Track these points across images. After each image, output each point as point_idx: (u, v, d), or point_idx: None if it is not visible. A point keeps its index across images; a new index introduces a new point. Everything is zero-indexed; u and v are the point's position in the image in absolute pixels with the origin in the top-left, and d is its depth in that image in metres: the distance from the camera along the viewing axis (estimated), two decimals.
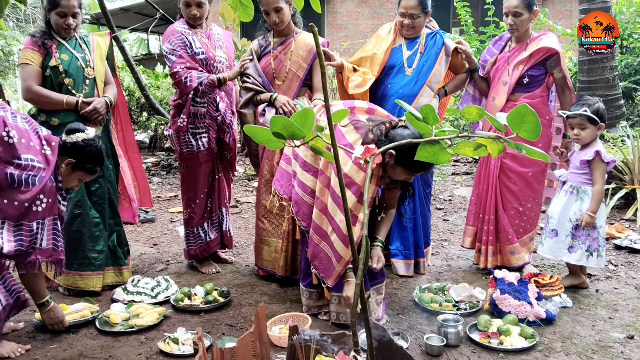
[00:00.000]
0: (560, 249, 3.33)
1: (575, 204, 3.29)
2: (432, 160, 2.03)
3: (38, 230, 2.45)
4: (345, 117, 2.86)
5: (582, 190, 3.28)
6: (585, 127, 3.24)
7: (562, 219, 3.32)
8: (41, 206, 2.44)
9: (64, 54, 3.26)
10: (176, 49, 3.45)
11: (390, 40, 3.66)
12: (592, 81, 6.74)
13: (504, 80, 3.55)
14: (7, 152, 2.35)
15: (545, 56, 3.47)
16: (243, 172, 7.69)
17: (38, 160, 2.44)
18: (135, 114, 9.37)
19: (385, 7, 12.34)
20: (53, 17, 3.23)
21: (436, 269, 3.86)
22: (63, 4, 3.19)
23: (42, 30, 3.28)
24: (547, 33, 3.56)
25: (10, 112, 2.47)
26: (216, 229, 3.84)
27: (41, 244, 2.48)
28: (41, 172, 2.43)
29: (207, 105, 3.53)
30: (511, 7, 3.45)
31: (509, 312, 2.92)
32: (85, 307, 3.02)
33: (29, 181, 2.38)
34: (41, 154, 2.48)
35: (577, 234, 3.28)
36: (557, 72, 3.51)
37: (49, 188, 2.47)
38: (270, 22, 3.46)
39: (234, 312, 3.12)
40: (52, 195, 2.48)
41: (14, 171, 2.35)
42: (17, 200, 2.36)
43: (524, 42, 3.54)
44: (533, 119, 1.75)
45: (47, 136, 2.56)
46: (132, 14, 14.50)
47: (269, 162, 3.55)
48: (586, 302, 3.24)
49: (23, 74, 3.22)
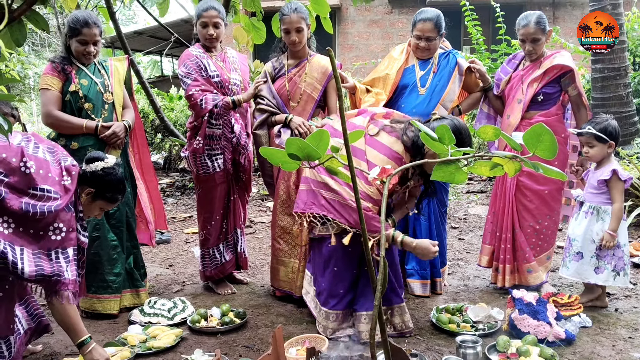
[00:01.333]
0: (587, 270, 3.31)
1: (597, 224, 3.27)
2: (449, 180, 2.03)
3: (59, 258, 2.38)
4: (372, 125, 2.92)
5: (602, 210, 3.27)
6: (593, 145, 3.24)
7: (586, 241, 3.30)
8: (60, 235, 2.38)
9: (84, 79, 3.32)
10: (191, 72, 3.50)
11: (403, 61, 3.69)
12: (605, 98, 6.72)
13: (518, 99, 3.55)
14: (24, 182, 2.32)
15: (560, 74, 3.47)
16: (256, 192, 7.72)
17: (55, 191, 2.39)
18: (150, 136, 9.45)
19: (396, 27, 12.42)
20: (74, 44, 3.30)
21: (453, 289, 3.83)
22: (85, 32, 3.25)
23: (62, 56, 3.34)
24: (560, 51, 3.56)
25: (34, 142, 2.45)
26: (231, 250, 3.85)
27: (67, 275, 2.39)
28: (57, 201, 2.38)
29: (222, 127, 3.56)
30: (529, 35, 3.46)
31: (528, 332, 2.88)
32: (117, 350, 2.86)
33: (45, 210, 2.32)
34: (59, 185, 2.44)
35: (602, 254, 3.26)
36: (572, 90, 3.51)
37: (68, 218, 2.42)
38: (290, 41, 3.51)
39: (250, 334, 3.12)
40: (71, 224, 2.43)
41: (28, 201, 2.31)
42: (33, 228, 2.33)
43: (538, 61, 3.54)
44: (549, 138, 1.75)
45: (68, 166, 2.52)
46: (146, 37, 14.70)
47: (285, 183, 3.57)
48: (606, 322, 3.19)
49: (43, 99, 3.27)
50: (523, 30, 3.48)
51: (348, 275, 2.98)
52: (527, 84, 3.52)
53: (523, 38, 3.50)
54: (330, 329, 3.02)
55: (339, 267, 2.98)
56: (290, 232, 3.56)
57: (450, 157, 1.93)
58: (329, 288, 3.02)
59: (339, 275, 3.00)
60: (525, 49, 3.53)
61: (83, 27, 3.23)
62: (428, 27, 3.50)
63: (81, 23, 3.23)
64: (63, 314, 2.41)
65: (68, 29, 3.27)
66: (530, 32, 3.44)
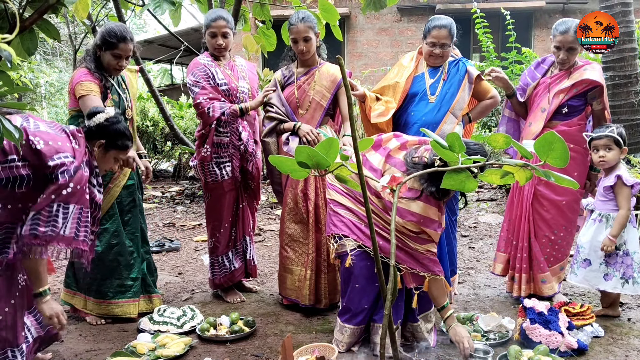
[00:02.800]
0: (596, 277, 3.29)
1: (605, 231, 3.25)
2: (459, 189, 2.02)
3: (58, 214, 2.37)
4: (383, 162, 2.89)
5: (611, 217, 3.25)
6: (612, 148, 3.23)
7: (593, 248, 3.29)
8: (66, 190, 2.38)
9: (114, 94, 3.34)
10: (199, 80, 3.52)
11: (412, 68, 3.67)
12: (616, 106, 6.68)
13: (542, 107, 3.51)
14: (38, 159, 2.35)
15: (588, 88, 3.44)
16: (266, 200, 7.72)
17: (70, 155, 2.42)
18: (160, 144, 9.50)
19: (405, 34, 12.44)
20: (107, 56, 3.24)
21: (463, 298, 3.80)
22: (121, 47, 3.21)
23: (97, 66, 3.27)
24: (592, 63, 3.50)
25: (34, 121, 2.46)
26: (240, 258, 3.85)
27: (64, 231, 2.39)
28: (73, 165, 2.41)
29: (230, 135, 3.57)
30: (567, 43, 3.39)
31: (540, 342, 2.85)
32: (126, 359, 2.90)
33: (65, 175, 2.36)
34: (71, 149, 2.46)
35: (611, 261, 3.24)
36: (596, 104, 3.47)
37: (79, 176, 2.43)
38: (298, 50, 3.52)
39: (259, 342, 3.11)
40: (80, 182, 2.43)
41: (52, 171, 2.36)
42: (47, 190, 2.36)
43: (568, 70, 3.50)
44: (561, 147, 1.74)
45: (72, 130, 2.55)
46: (156, 46, 14.82)
47: (292, 191, 3.56)
48: (618, 332, 3.16)
49: (88, 103, 3.13)
50: (561, 37, 3.40)
51: (371, 289, 2.91)
52: (553, 94, 3.47)
53: (559, 45, 3.43)
54: (344, 344, 2.95)
55: (361, 283, 2.90)
56: (298, 239, 3.56)
57: (461, 165, 1.92)
58: (355, 303, 2.92)
59: (362, 291, 2.91)
60: (559, 56, 3.46)
61: (120, 42, 3.19)
62: (443, 34, 3.49)
63: (118, 37, 3.19)
64: (38, 262, 2.44)
65: (102, 40, 3.21)
66: (570, 40, 3.38)
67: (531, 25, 11.97)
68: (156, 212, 7.29)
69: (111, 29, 3.23)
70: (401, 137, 2.97)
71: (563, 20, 3.50)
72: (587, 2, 12.33)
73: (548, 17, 12.07)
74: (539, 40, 12.04)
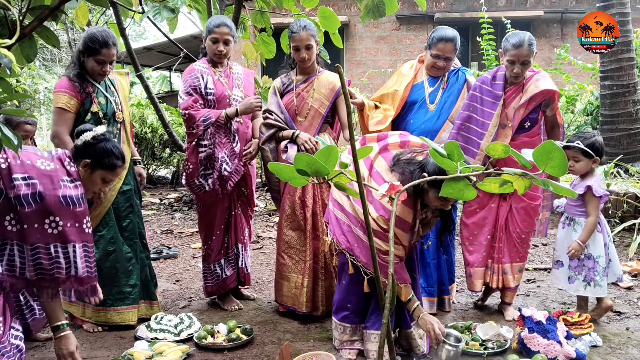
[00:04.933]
0: (561, 279, 3.43)
1: (573, 235, 3.36)
2: (458, 197, 2.02)
3: (58, 254, 2.37)
4: (379, 157, 2.89)
5: (576, 221, 3.38)
6: (579, 159, 3.29)
7: (562, 250, 3.42)
8: (56, 229, 2.36)
9: (100, 97, 3.33)
10: (188, 90, 3.51)
11: (411, 77, 3.68)
12: (614, 115, 6.71)
13: (502, 124, 3.41)
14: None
15: (545, 98, 3.40)
16: (264, 207, 7.72)
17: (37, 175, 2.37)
18: (158, 151, 9.50)
19: (404, 43, 12.47)
20: (90, 62, 3.25)
21: (461, 307, 3.79)
22: (104, 52, 3.21)
23: (78, 73, 3.28)
24: (540, 72, 3.44)
25: (19, 159, 2.40)
26: (232, 265, 3.82)
27: (76, 272, 2.40)
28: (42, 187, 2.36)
29: (213, 148, 3.51)
30: (522, 56, 3.26)
31: (538, 351, 2.85)
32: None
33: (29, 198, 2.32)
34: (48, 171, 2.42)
35: (573, 264, 3.37)
36: (549, 111, 3.46)
37: (70, 211, 2.40)
38: (299, 58, 3.52)
39: (257, 351, 3.09)
40: (72, 217, 2.40)
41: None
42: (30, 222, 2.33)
43: (520, 83, 3.41)
44: (560, 156, 1.75)
45: (59, 155, 2.52)
46: (155, 53, 14.83)
47: (290, 198, 3.56)
48: (617, 341, 3.15)
49: (56, 118, 3.23)
50: (516, 51, 3.26)
51: (357, 291, 2.96)
52: (513, 110, 3.38)
53: (513, 59, 3.28)
54: (337, 340, 3.05)
55: (347, 281, 3.00)
56: (295, 247, 3.56)
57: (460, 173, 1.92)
58: (340, 300, 3.05)
59: (348, 290, 3.01)
60: (512, 70, 3.32)
61: (102, 48, 3.19)
62: (449, 48, 3.49)
63: (100, 43, 3.18)
64: (53, 303, 2.46)
65: (85, 47, 3.21)
66: (524, 53, 3.25)
67: None
68: (154, 218, 7.28)
69: (93, 34, 3.20)
70: (405, 136, 2.97)
71: (514, 32, 3.38)
72: (585, 11, 12.38)
73: (546, 27, 12.12)
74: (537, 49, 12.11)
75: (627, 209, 5.41)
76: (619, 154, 6.48)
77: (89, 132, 2.58)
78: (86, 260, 2.47)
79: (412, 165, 2.65)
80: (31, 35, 2.31)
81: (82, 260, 2.44)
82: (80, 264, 2.42)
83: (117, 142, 2.69)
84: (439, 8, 12.31)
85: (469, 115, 3.46)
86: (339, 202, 2.95)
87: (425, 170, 2.56)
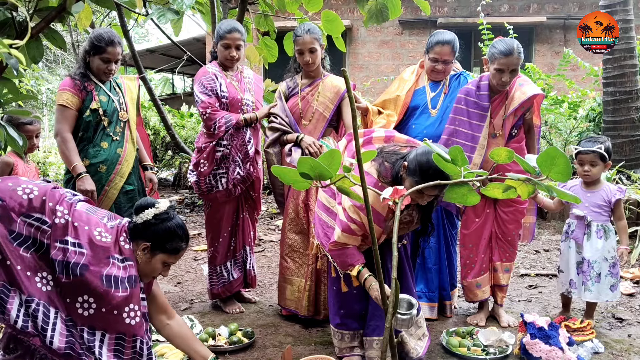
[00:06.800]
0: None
1: (607, 242, 3.34)
2: (461, 202, 2.01)
3: (83, 339, 2.08)
4: (361, 149, 2.86)
5: (608, 228, 3.37)
6: (597, 164, 3.29)
7: (603, 259, 3.37)
8: (87, 311, 2.08)
9: (102, 95, 3.34)
10: (206, 89, 3.52)
11: (413, 82, 3.69)
12: (617, 121, 6.71)
13: (492, 134, 3.38)
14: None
15: (532, 103, 3.38)
16: (265, 210, 7.72)
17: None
18: (161, 152, 9.51)
19: (406, 47, 12.49)
20: (96, 61, 3.29)
21: (463, 312, 3.79)
22: (109, 50, 3.25)
23: (82, 72, 3.32)
24: (520, 76, 3.38)
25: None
26: (239, 268, 3.84)
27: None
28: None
29: (230, 148, 3.56)
30: (511, 65, 3.17)
31: (540, 357, 2.84)
32: None
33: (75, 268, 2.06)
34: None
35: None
36: (529, 113, 3.44)
37: (110, 293, 2.09)
38: (303, 62, 3.53)
39: (258, 354, 3.09)
40: (109, 302, 2.09)
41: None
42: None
43: (504, 91, 3.36)
44: (564, 161, 1.75)
45: (118, 227, 2.24)
46: (158, 55, 14.89)
47: (294, 201, 3.56)
48: (618, 348, 3.15)
49: (59, 115, 3.27)
50: (505, 59, 3.16)
51: (344, 296, 2.91)
52: (501, 118, 3.35)
53: (502, 68, 3.19)
54: (337, 347, 3.02)
55: (337, 287, 2.95)
56: (298, 250, 3.56)
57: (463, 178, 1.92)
58: (334, 307, 3.01)
59: (339, 296, 2.95)
60: (501, 79, 3.23)
61: (108, 46, 3.24)
62: (446, 50, 3.48)
63: (106, 41, 3.24)
64: None
65: (91, 46, 3.27)
66: (514, 62, 3.17)
67: (532, 40, 12.01)
68: None
69: (99, 34, 3.27)
70: (390, 132, 2.94)
71: (501, 39, 3.27)
72: None
73: (549, 32, 12.12)
74: (539, 55, 12.09)
75: (629, 215, 5.41)
76: (621, 160, 6.48)
77: (151, 210, 2.23)
78: (115, 356, 2.13)
79: (394, 156, 2.63)
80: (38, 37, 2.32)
81: (110, 354, 2.11)
82: (105, 358, 2.10)
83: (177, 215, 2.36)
84: (442, 13, 12.33)
85: (455, 130, 3.41)
86: (324, 203, 2.93)
87: (406, 160, 2.52)
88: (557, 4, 12.16)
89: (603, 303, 3.84)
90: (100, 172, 3.29)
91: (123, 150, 3.39)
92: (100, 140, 3.32)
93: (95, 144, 3.31)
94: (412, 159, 2.48)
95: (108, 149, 3.33)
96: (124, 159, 3.39)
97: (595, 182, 3.37)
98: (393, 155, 2.65)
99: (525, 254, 5.38)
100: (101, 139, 3.33)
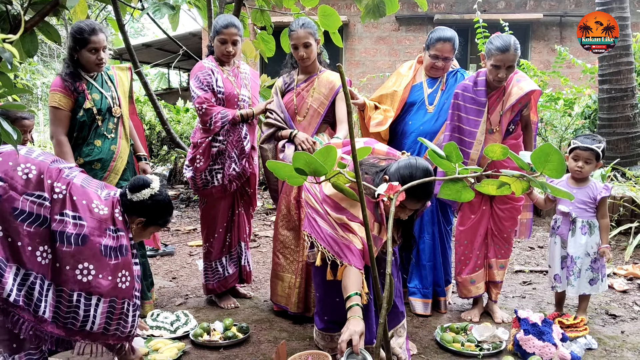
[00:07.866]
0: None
1: (591, 239, 3.36)
2: (455, 199, 2.02)
3: (79, 305, 2.22)
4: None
5: (593, 224, 3.38)
6: (591, 162, 3.30)
7: (585, 254, 3.39)
8: (86, 277, 2.23)
9: (95, 93, 3.31)
10: (202, 85, 3.51)
11: (410, 78, 3.68)
12: (612, 119, 6.73)
13: (489, 130, 3.38)
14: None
15: (529, 99, 3.38)
16: (261, 205, 7.71)
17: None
18: (156, 147, 9.49)
19: (403, 44, 12.48)
20: (84, 55, 3.23)
21: (457, 307, 3.80)
22: (93, 39, 3.19)
23: (71, 72, 3.27)
24: (517, 72, 3.40)
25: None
26: (235, 263, 3.84)
27: (91, 327, 2.26)
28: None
29: (226, 143, 3.56)
30: (508, 61, 3.18)
31: (533, 353, 2.86)
32: None
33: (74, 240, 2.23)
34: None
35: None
36: (526, 110, 3.44)
37: (105, 261, 2.27)
38: (298, 56, 3.52)
39: (253, 349, 3.10)
40: (105, 269, 2.28)
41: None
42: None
43: (501, 87, 3.37)
44: (558, 158, 1.75)
45: (113, 198, 2.40)
46: (154, 50, 14.82)
47: (286, 197, 3.56)
48: (612, 344, 3.16)
49: (52, 117, 3.25)
50: (502, 56, 3.16)
51: (327, 298, 2.79)
52: (498, 114, 3.35)
53: (499, 64, 3.19)
54: (325, 348, 2.89)
55: (320, 293, 2.83)
56: (290, 247, 3.55)
57: (458, 175, 1.93)
58: (318, 309, 2.89)
59: (323, 300, 2.83)
60: (497, 75, 3.23)
61: (91, 35, 3.17)
62: (447, 47, 3.48)
63: (88, 32, 3.17)
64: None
65: (74, 40, 3.19)
66: (511, 58, 3.17)
67: (528, 37, 12.01)
68: None
69: (78, 26, 3.20)
70: (370, 143, 2.84)
71: (498, 35, 3.28)
72: (584, 15, 12.41)
73: (545, 30, 12.13)
74: (535, 52, 12.09)
75: (624, 212, 5.43)
76: (616, 157, 6.50)
77: (147, 190, 2.42)
78: (107, 317, 2.29)
79: (373, 168, 2.57)
80: (32, 30, 2.31)
81: (103, 316, 2.27)
82: (98, 320, 2.26)
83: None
84: (439, 9, 12.31)
85: (458, 126, 3.43)
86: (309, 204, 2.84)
87: (386, 173, 2.45)
88: (553, 1, 12.17)
89: (597, 300, 3.86)
90: (94, 170, 3.27)
91: (117, 147, 3.38)
92: (94, 139, 3.30)
93: (88, 142, 3.30)
94: (393, 172, 2.41)
95: (102, 147, 3.31)
96: (118, 155, 3.38)
97: (583, 179, 3.38)
98: (372, 167, 2.61)
99: (520, 251, 5.40)
100: (95, 137, 3.31)
